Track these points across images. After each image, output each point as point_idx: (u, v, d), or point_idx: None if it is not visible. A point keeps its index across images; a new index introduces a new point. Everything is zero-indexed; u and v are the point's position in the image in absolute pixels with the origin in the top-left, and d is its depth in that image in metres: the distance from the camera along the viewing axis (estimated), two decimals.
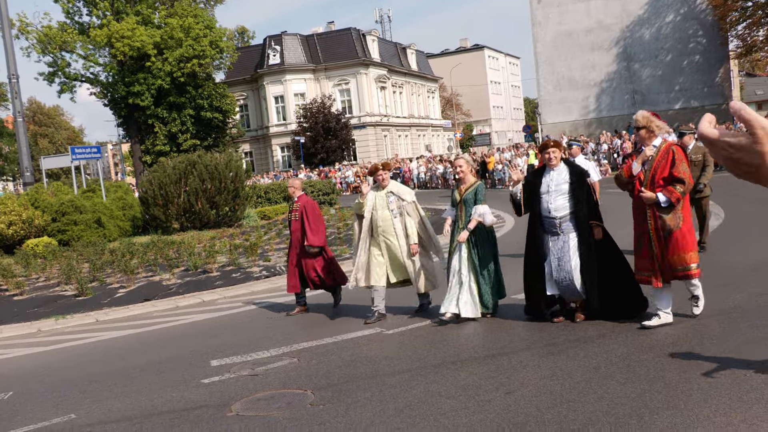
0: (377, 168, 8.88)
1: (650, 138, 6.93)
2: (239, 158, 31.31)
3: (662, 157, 6.86)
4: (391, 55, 68.35)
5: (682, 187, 6.70)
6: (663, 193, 6.74)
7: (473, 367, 6.28)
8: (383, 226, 8.57)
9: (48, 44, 46.98)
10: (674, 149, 6.87)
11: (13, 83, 25.78)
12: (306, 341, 8.01)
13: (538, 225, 7.59)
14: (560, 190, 7.45)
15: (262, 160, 63.42)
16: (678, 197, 6.69)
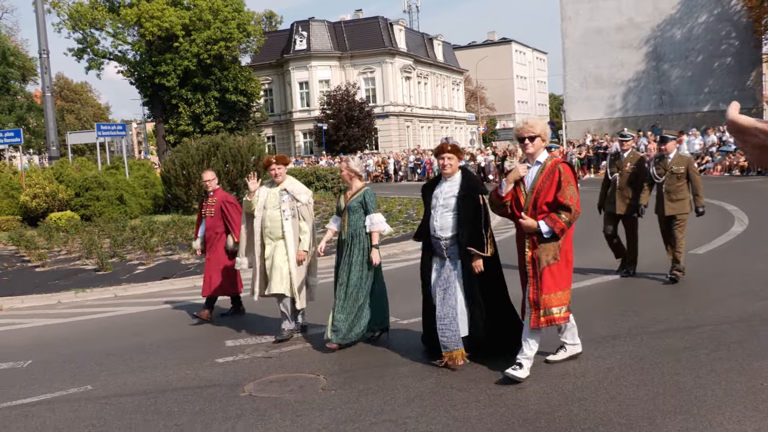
0: (270, 161, 7.78)
1: (539, 151, 5.82)
2: (262, 142, 31.40)
3: (546, 177, 5.75)
4: (417, 45, 68.12)
5: (568, 215, 5.62)
6: (546, 221, 5.67)
7: (485, 361, 6.28)
8: (270, 227, 7.61)
9: (78, 21, 47.36)
10: (561, 168, 5.73)
11: (43, 58, 26.03)
12: (320, 326, 8.03)
13: (428, 246, 6.46)
14: (448, 205, 6.23)
15: (284, 145, 63.56)
16: (562, 227, 5.62)
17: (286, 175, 7.82)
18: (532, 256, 5.78)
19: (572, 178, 5.75)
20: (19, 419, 5.52)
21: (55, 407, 5.77)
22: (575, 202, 5.64)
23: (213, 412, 5.42)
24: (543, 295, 5.72)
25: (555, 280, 5.74)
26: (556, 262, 5.73)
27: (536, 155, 5.82)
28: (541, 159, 5.81)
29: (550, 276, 5.72)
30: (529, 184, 5.82)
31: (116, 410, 5.60)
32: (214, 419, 5.25)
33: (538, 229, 5.68)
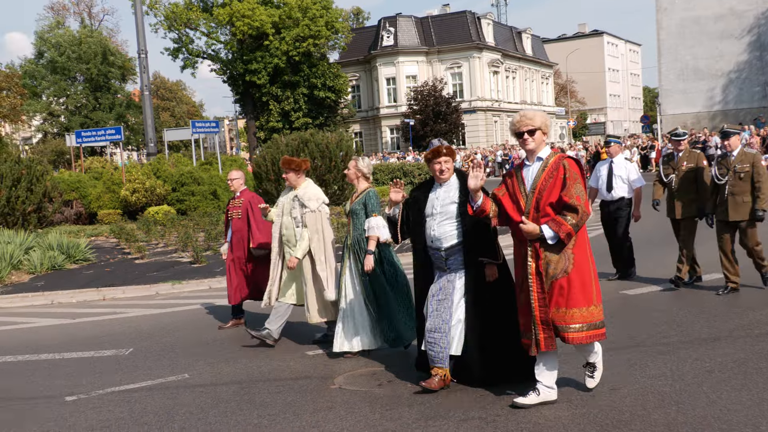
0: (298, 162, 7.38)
1: (540, 147, 5.17)
2: (349, 138, 31.75)
3: (549, 175, 5.06)
4: (505, 39, 67.32)
5: (575, 217, 4.89)
6: (549, 225, 4.94)
7: (577, 362, 6.15)
8: (286, 234, 7.30)
9: (174, 21, 49.05)
10: (566, 164, 5.04)
11: (142, 58, 27.09)
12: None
13: (424, 257, 5.85)
14: (447, 212, 5.65)
15: (371, 141, 64.06)
16: (568, 231, 4.89)
17: (304, 180, 7.37)
18: (537, 267, 5.03)
19: (579, 175, 5.03)
20: (123, 404, 5.78)
21: (154, 394, 6.01)
22: (583, 202, 4.91)
23: (304, 403, 5.53)
24: (560, 307, 4.98)
25: (568, 297, 4.96)
26: (565, 276, 4.96)
27: (537, 151, 5.16)
28: (543, 155, 5.15)
29: (561, 292, 4.97)
30: (530, 184, 5.11)
31: (212, 398, 5.79)
32: (304, 410, 5.36)
33: (541, 235, 4.94)
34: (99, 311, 10.09)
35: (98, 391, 6.14)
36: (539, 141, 5.14)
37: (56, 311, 10.33)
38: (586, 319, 4.99)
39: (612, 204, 9.78)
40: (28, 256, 13.40)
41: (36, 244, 14.06)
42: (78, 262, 13.90)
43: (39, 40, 59.36)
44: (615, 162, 9.79)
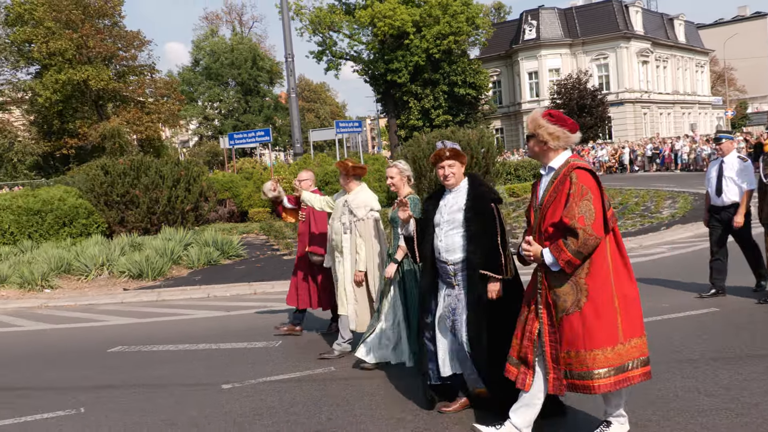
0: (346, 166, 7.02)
1: (545, 154, 4.43)
2: (491, 134, 31.47)
3: (556, 189, 4.30)
4: (656, 27, 64.26)
5: (575, 242, 4.10)
6: (551, 249, 4.23)
7: (738, 366, 5.79)
8: (335, 240, 7.01)
9: (318, 25, 50.60)
10: (573, 176, 4.22)
11: (289, 62, 28.18)
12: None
13: (431, 271, 5.25)
14: (454, 221, 5.08)
15: (512, 137, 63.22)
16: (568, 259, 4.13)
17: (357, 185, 6.98)
18: (548, 298, 4.33)
19: (591, 191, 4.18)
20: (274, 393, 6.05)
21: (303, 384, 6.25)
22: (589, 223, 4.09)
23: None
24: (574, 348, 4.23)
25: (578, 335, 4.19)
26: (578, 311, 4.19)
27: (547, 160, 4.43)
28: (555, 165, 4.38)
29: (571, 329, 4.22)
30: (540, 198, 4.43)
31: (357, 391, 5.94)
32: None
33: (542, 259, 4.30)
34: (250, 304, 10.60)
35: (251, 380, 6.47)
36: (541, 148, 4.42)
37: (212, 304, 10.97)
38: (611, 362, 4.16)
39: (724, 211, 8.45)
40: (186, 252, 14.30)
41: (193, 240, 14.97)
42: (231, 258, 14.68)
43: (195, 49, 63.15)
44: (726, 161, 8.48)
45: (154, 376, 6.97)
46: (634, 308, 4.30)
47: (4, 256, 14.33)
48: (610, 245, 4.26)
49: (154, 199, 17.51)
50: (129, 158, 18.92)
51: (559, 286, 4.24)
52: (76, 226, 16.34)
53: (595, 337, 4.16)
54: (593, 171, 4.29)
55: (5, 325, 10.31)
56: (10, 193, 19.37)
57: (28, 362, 7.96)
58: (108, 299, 11.86)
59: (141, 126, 47.15)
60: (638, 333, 4.28)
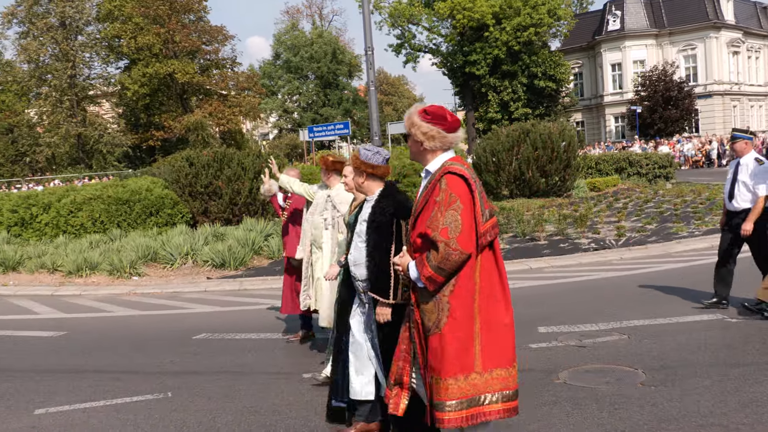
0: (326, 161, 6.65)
1: (423, 155, 3.97)
2: (572, 128, 30.88)
3: (426, 195, 3.84)
4: (748, 15, 61.56)
5: (436, 257, 3.63)
6: (416, 263, 3.78)
7: None
8: (315, 235, 6.70)
9: (397, 18, 50.66)
10: (443, 182, 3.72)
11: (368, 55, 28.24)
12: (637, 319, 7.71)
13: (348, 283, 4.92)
14: (361, 234, 4.68)
15: (593, 130, 61.82)
16: (429, 275, 3.66)
17: (338, 180, 6.53)
18: (417, 316, 3.85)
19: (461, 200, 3.67)
20: None
21: None
22: (454, 237, 3.60)
23: (527, 396, 5.46)
24: (429, 372, 3.79)
25: (437, 359, 3.71)
26: (437, 333, 3.70)
27: (424, 161, 3.97)
28: (432, 168, 3.90)
29: (432, 351, 3.75)
30: (414, 205, 3.99)
31: None
32: (528, 404, 5.29)
33: (408, 273, 3.84)
34: None
35: None
36: (417, 149, 3.96)
37: None
38: (464, 392, 3.67)
39: (736, 216, 7.81)
40: (267, 243, 14.55)
41: (274, 231, 15.22)
42: None
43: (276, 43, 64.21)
44: (742, 164, 7.84)
45: (237, 363, 7.13)
46: (504, 336, 3.79)
47: (95, 243, 14.93)
48: (483, 262, 3.76)
49: (236, 191, 17.89)
50: (213, 150, 19.38)
51: (425, 303, 3.77)
52: (162, 215, 16.88)
53: (448, 363, 3.68)
54: (468, 177, 3.74)
55: (96, 311, 10.74)
56: (100, 184, 20.17)
57: (118, 346, 8.27)
58: (192, 287, 12.20)
59: (223, 119, 48.33)
60: (504, 364, 3.77)
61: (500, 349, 3.77)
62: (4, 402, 6.16)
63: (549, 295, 9.62)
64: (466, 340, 3.69)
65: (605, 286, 9.85)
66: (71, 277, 13.32)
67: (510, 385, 3.78)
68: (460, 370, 3.67)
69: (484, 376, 3.71)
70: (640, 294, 9.11)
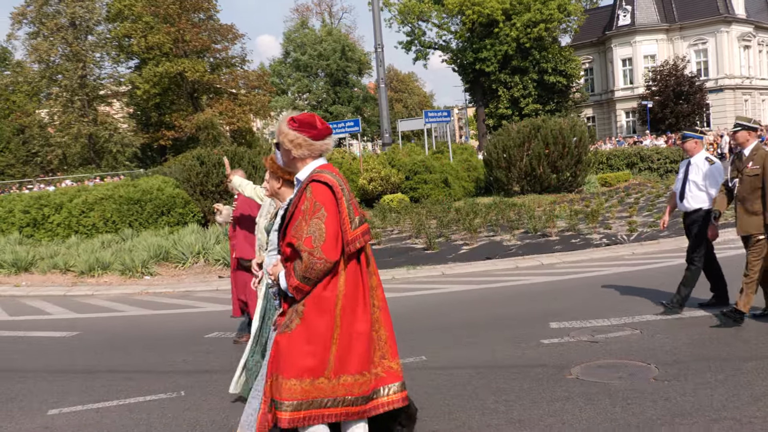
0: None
1: (293, 164, 3.96)
2: (583, 123, 30.79)
3: (294, 204, 3.85)
4: (759, 9, 61.09)
5: (300, 266, 3.66)
6: (285, 272, 3.80)
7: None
8: (260, 239, 6.00)
9: (407, 15, 50.62)
10: (308, 190, 3.74)
11: (378, 52, 28.29)
12: (649, 314, 7.69)
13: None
14: (273, 242, 4.61)
15: (604, 126, 61.56)
16: (296, 285, 3.69)
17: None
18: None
19: (326, 207, 3.68)
20: None
21: None
22: (318, 245, 3.61)
23: (540, 391, 5.47)
24: (271, 372, 3.81)
25: (284, 358, 3.71)
26: (287, 332, 3.73)
27: (295, 169, 3.97)
28: (302, 176, 3.90)
29: (279, 349, 3.75)
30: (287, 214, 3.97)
31: (448, 381, 5.92)
32: (541, 399, 5.29)
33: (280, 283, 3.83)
34: None
35: None
36: (288, 157, 3.94)
37: None
38: (307, 394, 3.68)
39: (687, 217, 7.76)
40: None
41: None
42: None
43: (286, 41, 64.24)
44: (692, 163, 7.70)
45: None
46: (359, 344, 3.80)
47: (107, 243, 15.01)
48: (349, 269, 3.78)
49: None
50: (224, 149, 19.44)
51: (292, 306, 3.82)
52: (173, 215, 16.95)
53: (297, 364, 3.68)
54: (333, 185, 3.72)
55: (108, 310, 10.80)
56: (111, 183, 20.27)
57: (130, 346, 8.31)
58: (204, 286, 12.25)
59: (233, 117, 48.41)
60: (353, 370, 3.77)
61: (353, 357, 3.78)
62: (17, 403, 6.20)
63: (561, 290, 9.60)
64: (320, 344, 3.70)
65: (617, 281, 9.80)
66: (83, 277, 13.40)
67: (354, 392, 3.78)
68: (307, 372, 3.68)
69: (332, 381, 3.73)
70: (652, 289, 9.07)
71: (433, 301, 9.66)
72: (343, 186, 3.79)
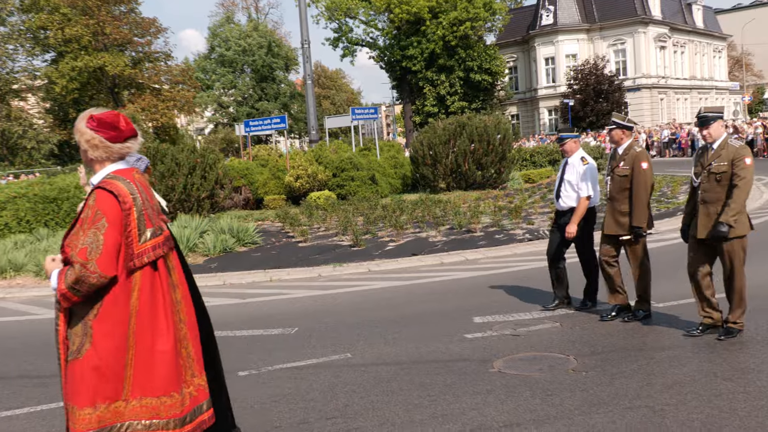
0: None
1: (92, 166, 3.65)
2: (507, 121, 31.34)
3: (81, 209, 3.54)
4: (674, 12, 63.54)
5: (73, 273, 3.33)
6: (59, 274, 3.42)
7: (756, 350, 5.75)
8: None
9: (334, 11, 50.46)
10: (92, 197, 3.45)
11: (305, 48, 28.07)
12: (569, 307, 7.87)
13: None
14: None
15: (528, 123, 62.90)
16: (63, 292, 3.36)
17: None
18: (64, 335, 3.51)
19: (108, 218, 3.38)
20: (290, 380, 6.04)
21: (319, 371, 6.24)
22: (93, 258, 3.30)
23: (463, 385, 5.53)
24: (66, 401, 3.48)
25: (75, 387, 3.41)
26: (78, 359, 3.40)
27: (94, 171, 3.65)
28: (96, 180, 3.59)
29: (72, 378, 3.44)
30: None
31: (374, 378, 5.93)
32: (464, 393, 5.36)
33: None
34: (266, 292, 10.61)
35: (267, 367, 6.46)
36: (85, 159, 3.64)
37: (228, 291, 10.99)
38: (102, 420, 3.39)
39: (563, 216, 7.78)
40: (202, 240, 14.31)
41: (209, 228, 14.98)
42: (247, 245, 14.69)
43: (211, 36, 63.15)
44: (569, 163, 7.72)
45: None
46: (163, 364, 3.51)
47: (20, 244, 14.42)
48: (143, 285, 3.49)
49: (170, 187, 17.55)
50: (145, 146, 18.96)
51: (73, 325, 3.46)
52: None
53: (90, 391, 3.38)
54: (120, 194, 3.43)
55: (22, 314, 10.38)
56: (26, 181, 19.51)
57: (44, 351, 7.99)
58: None
59: (156, 113, 47.31)
60: (159, 392, 3.49)
61: (156, 378, 3.50)
62: None
63: (484, 285, 9.73)
64: (112, 368, 3.41)
65: (539, 275, 9.98)
66: None
67: (160, 415, 3.49)
68: (102, 398, 3.40)
69: (132, 403, 3.46)
70: (573, 282, 9.29)
71: (358, 299, 9.66)
72: (136, 195, 3.47)
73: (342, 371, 6.18)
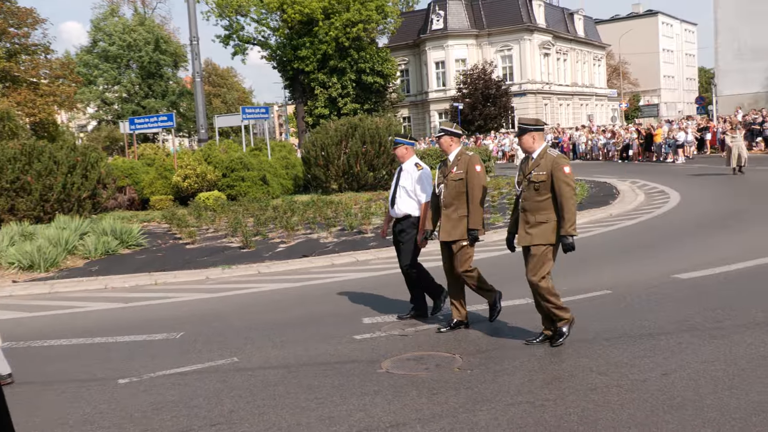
0: None
1: None
2: (398, 123, 31.69)
3: None
4: (557, 20, 66.23)
5: None
6: None
7: (627, 345, 6.05)
8: None
9: (225, 8, 49.53)
10: None
11: (193, 45, 27.43)
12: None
13: None
14: None
15: (419, 125, 63.89)
16: None
17: None
18: None
19: None
20: (174, 387, 5.87)
21: (205, 377, 6.09)
22: None
23: (351, 387, 5.54)
24: None
25: None
26: None
27: None
28: None
29: None
30: None
31: (261, 382, 5.84)
32: (352, 394, 5.36)
33: None
34: (151, 295, 10.27)
35: (150, 374, 6.25)
36: None
37: (109, 295, 10.57)
38: None
39: (397, 223, 7.70)
40: (82, 242, 13.72)
41: (90, 229, 14.38)
42: (131, 248, 14.19)
43: (94, 29, 60.63)
44: (404, 169, 7.62)
45: (45, 372, 6.64)
46: None
47: None
48: None
49: (47, 186, 16.73)
50: (20, 142, 17.98)
51: None
52: None
53: None
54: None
55: None
56: None
57: None
58: None
59: (34, 109, 44.92)
60: None
61: None
62: None
63: (374, 286, 9.79)
64: None
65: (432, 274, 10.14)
66: None
67: None
68: None
69: None
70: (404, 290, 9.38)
71: (247, 301, 9.51)
72: None
73: (228, 376, 6.06)
